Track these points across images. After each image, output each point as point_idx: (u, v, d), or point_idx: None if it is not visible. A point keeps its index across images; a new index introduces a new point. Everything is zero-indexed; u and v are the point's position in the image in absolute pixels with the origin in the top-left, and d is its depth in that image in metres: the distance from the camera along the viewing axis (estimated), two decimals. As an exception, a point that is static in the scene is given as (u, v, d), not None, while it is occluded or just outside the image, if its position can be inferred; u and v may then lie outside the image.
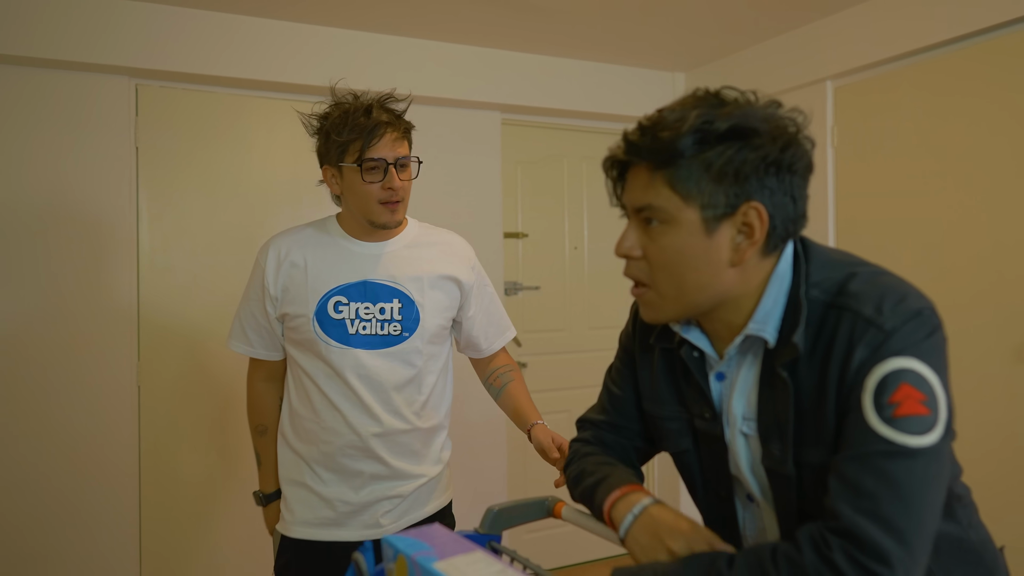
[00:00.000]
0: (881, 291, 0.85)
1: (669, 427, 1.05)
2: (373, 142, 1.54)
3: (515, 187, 3.41)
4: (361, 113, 1.56)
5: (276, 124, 2.88)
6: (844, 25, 2.77)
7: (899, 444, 0.77)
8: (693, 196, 0.87)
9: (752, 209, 0.86)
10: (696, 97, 0.90)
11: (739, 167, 0.85)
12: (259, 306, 1.66)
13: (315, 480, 1.65)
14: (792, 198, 0.88)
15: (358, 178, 1.55)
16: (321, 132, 1.61)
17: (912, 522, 0.75)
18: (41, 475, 2.50)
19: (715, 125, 0.85)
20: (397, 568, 0.84)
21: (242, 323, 1.70)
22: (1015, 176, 2.26)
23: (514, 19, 2.80)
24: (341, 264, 1.63)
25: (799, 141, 0.89)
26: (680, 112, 0.87)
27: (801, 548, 0.77)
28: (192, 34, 2.65)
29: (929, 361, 0.80)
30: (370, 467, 1.64)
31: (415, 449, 1.68)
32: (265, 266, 1.64)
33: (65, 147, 2.54)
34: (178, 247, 2.73)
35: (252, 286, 1.68)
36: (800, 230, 0.92)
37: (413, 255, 1.67)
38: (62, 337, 2.54)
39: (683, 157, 0.86)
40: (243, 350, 1.71)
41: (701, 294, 0.90)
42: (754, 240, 0.87)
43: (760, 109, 0.88)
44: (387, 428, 1.63)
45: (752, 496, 0.98)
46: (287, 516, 1.67)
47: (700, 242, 0.88)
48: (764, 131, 0.85)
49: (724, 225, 0.87)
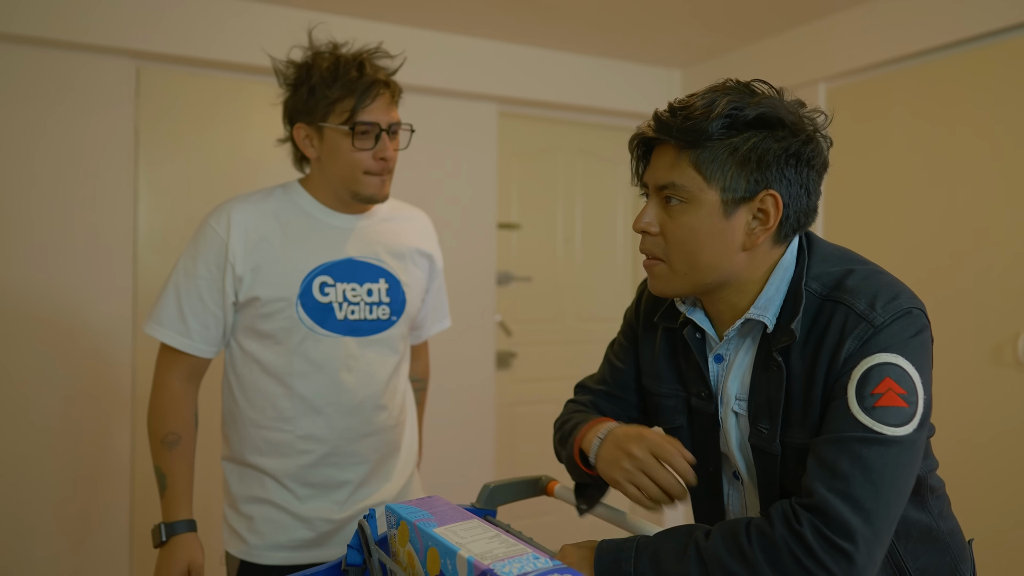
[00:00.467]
0: (875, 288, 0.90)
1: (666, 403, 1.09)
2: (366, 103, 1.35)
3: (510, 178, 3.45)
4: (353, 67, 1.36)
5: (275, 108, 2.89)
6: (837, 28, 2.82)
7: (876, 432, 0.82)
8: (716, 178, 0.92)
9: (769, 196, 0.92)
10: (727, 86, 0.95)
11: (762, 155, 0.90)
12: (213, 287, 1.37)
13: (287, 497, 1.42)
14: (807, 191, 0.94)
15: (346, 143, 1.36)
16: (301, 84, 1.40)
17: (879, 504, 0.80)
18: (31, 459, 2.52)
19: (744, 112, 0.90)
20: (399, 533, 0.89)
21: (180, 307, 1.38)
22: (999, 180, 2.32)
23: (513, 11, 2.83)
24: (318, 239, 1.41)
25: (818, 138, 0.94)
26: (712, 97, 0.92)
27: (772, 522, 0.83)
28: (193, 18, 2.66)
29: (913, 358, 0.86)
30: (358, 474, 1.45)
31: (399, 445, 1.53)
32: (228, 238, 1.36)
33: (66, 127, 2.55)
34: (175, 227, 2.75)
35: (203, 260, 1.37)
36: (810, 223, 0.97)
37: (391, 229, 1.50)
38: (59, 315, 2.55)
39: (711, 139, 0.91)
40: (176, 342, 1.38)
41: (711, 273, 0.95)
42: (768, 227, 0.92)
43: (787, 103, 0.93)
44: (377, 427, 1.46)
45: (738, 474, 1.03)
46: (252, 540, 1.42)
47: (717, 223, 0.93)
48: (789, 123, 0.90)
49: (741, 209, 0.92)
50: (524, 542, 0.83)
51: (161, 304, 1.40)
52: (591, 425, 1.06)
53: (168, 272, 1.44)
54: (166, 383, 1.42)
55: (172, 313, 1.39)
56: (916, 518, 0.97)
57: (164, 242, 2.74)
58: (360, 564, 0.96)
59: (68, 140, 2.56)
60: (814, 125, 0.95)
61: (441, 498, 0.95)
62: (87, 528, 2.59)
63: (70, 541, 2.56)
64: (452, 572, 0.80)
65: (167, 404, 1.41)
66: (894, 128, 2.66)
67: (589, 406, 1.17)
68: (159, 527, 1.37)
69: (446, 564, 0.80)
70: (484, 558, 0.76)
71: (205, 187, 2.80)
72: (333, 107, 1.35)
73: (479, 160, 3.27)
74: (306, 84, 1.38)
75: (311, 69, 1.38)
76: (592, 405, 1.18)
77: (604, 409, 1.17)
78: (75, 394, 2.57)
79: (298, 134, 1.42)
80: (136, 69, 2.68)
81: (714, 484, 1.06)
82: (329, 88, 1.35)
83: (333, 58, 1.38)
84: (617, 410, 1.17)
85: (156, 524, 1.38)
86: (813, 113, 0.96)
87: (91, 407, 2.59)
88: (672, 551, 0.86)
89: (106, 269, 2.62)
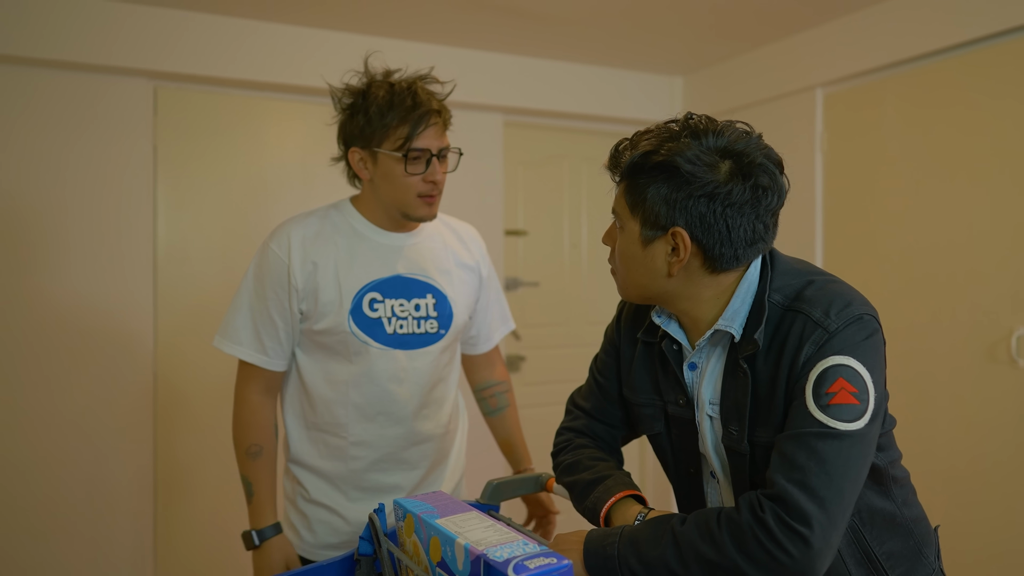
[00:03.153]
0: (831, 297, 0.98)
1: (644, 412, 1.18)
2: (420, 130, 1.41)
3: (516, 186, 3.54)
4: (408, 96, 1.42)
5: (288, 124, 3.00)
6: (834, 35, 2.88)
7: (830, 427, 0.90)
8: (637, 210, 1.02)
9: (677, 234, 0.99)
10: (669, 126, 1.02)
11: (667, 196, 0.98)
12: (281, 307, 1.46)
13: (340, 500, 1.51)
14: (727, 227, 0.98)
15: (399, 168, 1.42)
16: (357, 110, 1.45)
17: (833, 492, 0.88)
18: (56, 464, 2.63)
19: (649, 159, 0.99)
20: (406, 525, 0.97)
21: (255, 326, 1.47)
22: (994, 181, 2.38)
23: (516, 24, 2.92)
24: (369, 257, 1.49)
25: (745, 178, 0.97)
26: (642, 138, 1.02)
27: (740, 510, 0.91)
28: (209, 38, 2.77)
29: (864, 360, 0.94)
30: (407, 479, 1.53)
31: (447, 453, 1.61)
32: (290, 260, 1.45)
33: (86, 146, 2.67)
34: (193, 241, 2.86)
35: (269, 282, 1.46)
36: (754, 255, 1.02)
37: (437, 246, 1.57)
38: (83, 326, 2.66)
39: (631, 177, 1.02)
40: (256, 359, 1.48)
41: (643, 291, 1.06)
42: (680, 259, 1.00)
43: (702, 147, 0.97)
44: (426, 435, 1.54)
45: (714, 473, 1.11)
46: (307, 537, 1.54)
47: (638, 251, 1.03)
48: (687, 171, 0.96)
49: (658, 242, 1.01)
50: (519, 531, 0.91)
51: (236, 325, 1.48)
52: (619, 498, 1.11)
53: (230, 289, 1.52)
54: (246, 397, 1.51)
55: (248, 332, 1.47)
56: (880, 506, 1.05)
57: (183, 254, 2.84)
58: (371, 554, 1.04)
59: (89, 158, 2.67)
60: (746, 164, 0.97)
61: (444, 493, 1.03)
62: (110, 532, 2.69)
63: (93, 544, 2.66)
64: (451, 558, 0.88)
65: (248, 417, 1.51)
66: (890, 131, 2.72)
67: (588, 434, 1.25)
68: (250, 533, 1.49)
69: (446, 551, 0.89)
70: (479, 544, 0.85)
71: (222, 202, 2.90)
72: (388, 134, 1.41)
73: (486, 169, 3.36)
74: (362, 111, 1.43)
75: (367, 97, 1.44)
76: (590, 432, 1.25)
77: (598, 432, 1.25)
78: (97, 402, 2.68)
79: (353, 157, 1.48)
80: (154, 89, 2.79)
81: (695, 484, 1.15)
82: (384, 117, 1.40)
83: (388, 86, 1.44)
84: (611, 430, 1.26)
85: (246, 531, 1.49)
86: (756, 149, 0.99)
87: (113, 412, 2.70)
88: (651, 536, 0.95)
89: (129, 281, 2.73)
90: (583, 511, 1.16)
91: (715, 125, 1.00)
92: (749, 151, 0.99)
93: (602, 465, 1.17)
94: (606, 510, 1.10)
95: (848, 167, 2.89)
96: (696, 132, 0.99)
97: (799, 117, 3.07)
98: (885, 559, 1.04)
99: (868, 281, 2.72)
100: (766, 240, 1.02)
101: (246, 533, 1.49)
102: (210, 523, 2.85)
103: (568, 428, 1.28)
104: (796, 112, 3.09)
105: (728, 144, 0.98)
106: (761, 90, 3.23)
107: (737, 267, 1.02)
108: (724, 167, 0.97)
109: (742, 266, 1.03)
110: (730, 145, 0.98)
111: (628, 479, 1.15)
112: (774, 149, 1.02)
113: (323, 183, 2.91)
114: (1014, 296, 2.31)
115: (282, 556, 1.48)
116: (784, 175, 1.03)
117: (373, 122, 1.41)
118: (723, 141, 0.98)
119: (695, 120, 1.01)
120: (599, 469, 1.16)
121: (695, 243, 0.99)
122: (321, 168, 2.73)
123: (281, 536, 1.50)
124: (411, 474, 1.54)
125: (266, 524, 1.49)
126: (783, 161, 1.03)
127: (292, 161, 3.01)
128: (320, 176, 2.92)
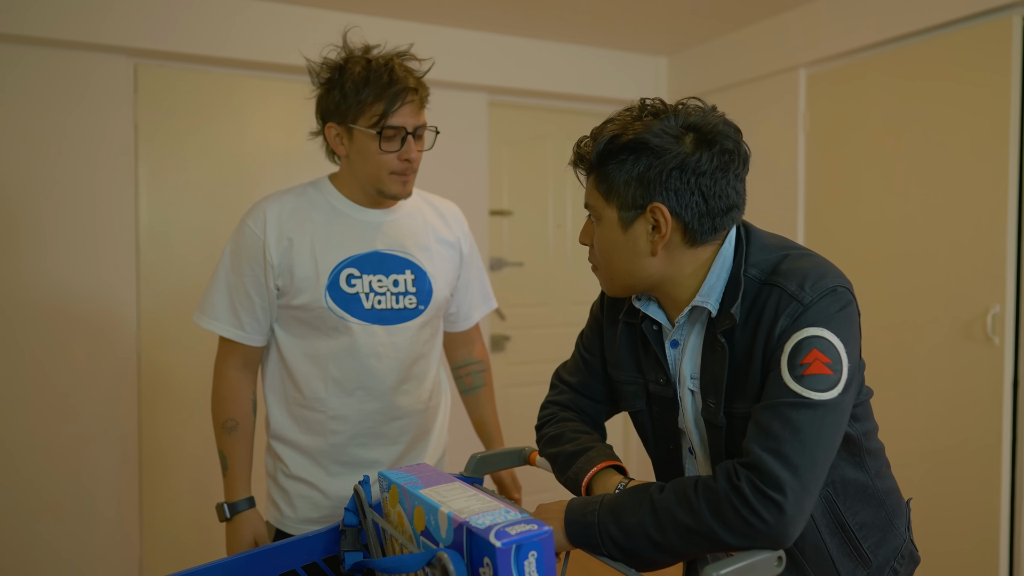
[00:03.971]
0: (805, 270, 1.00)
1: (627, 389, 1.20)
2: (396, 107, 1.41)
3: (501, 166, 3.53)
4: (384, 72, 1.42)
5: (270, 102, 2.98)
6: (816, 15, 2.89)
7: (804, 397, 0.93)
8: (612, 197, 1.03)
9: (656, 209, 1.01)
10: (626, 112, 1.05)
11: (641, 174, 1.00)
12: (257, 282, 1.47)
13: (319, 475, 1.52)
14: (703, 196, 1.00)
15: (374, 145, 1.42)
16: (334, 85, 1.45)
17: (807, 459, 0.91)
18: (41, 446, 2.62)
19: (617, 141, 1.01)
20: (391, 496, 0.99)
21: (231, 302, 1.48)
22: (973, 162, 2.41)
23: (503, 5, 2.91)
24: (346, 233, 1.50)
25: (710, 145, 1.00)
26: (604, 126, 1.04)
27: (717, 478, 0.94)
28: (189, 15, 2.74)
29: (838, 331, 0.96)
30: (387, 454, 1.54)
31: (429, 429, 1.62)
32: (265, 236, 1.46)
33: (66, 124, 2.64)
34: (176, 220, 2.84)
35: (246, 258, 1.47)
36: (730, 223, 1.05)
37: (417, 222, 1.57)
38: (65, 307, 2.65)
39: (601, 165, 1.03)
40: (232, 334, 1.49)
41: (630, 278, 1.07)
42: (663, 234, 1.02)
43: (666, 124, 1.00)
44: (406, 410, 1.55)
45: (693, 449, 1.13)
46: (287, 511, 1.55)
47: (619, 236, 1.05)
48: (656, 145, 0.98)
49: (638, 222, 1.03)
50: (501, 501, 0.93)
51: (213, 300, 1.50)
52: (600, 468, 1.13)
53: (212, 268, 1.51)
54: (224, 372, 1.54)
55: (224, 308, 1.49)
56: (854, 477, 1.07)
57: (165, 234, 2.83)
58: (356, 525, 1.06)
59: (69, 137, 2.64)
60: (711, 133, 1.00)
61: (428, 465, 1.05)
62: (95, 512, 2.70)
63: (79, 523, 2.67)
64: (435, 527, 0.90)
65: (225, 392, 1.53)
66: (872, 111, 2.74)
67: (572, 408, 1.27)
68: (222, 506, 1.50)
69: (430, 520, 0.90)
70: (462, 512, 0.86)
71: (204, 180, 2.89)
72: (363, 110, 1.42)
73: (471, 149, 3.35)
74: (338, 87, 1.43)
75: (344, 72, 1.44)
76: (574, 406, 1.28)
77: (583, 406, 1.28)
78: (80, 382, 2.67)
79: (329, 132, 1.48)
80: (134, 66, 2.76)
81: (674, 460, 1.17)
82: (360, 93, 1.41)
83: (364, 62, 1.44)
84: (595, 405, 1.28)
85: (219, 503, 1.51)
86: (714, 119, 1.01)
87: (97, 393, 2.70)
88: (630, 504, 0.97)
89: (111, 261, 2.72)
90: (565, 482, 1.18)
91: (671, 106, 1.04)
92: (708, 121, 1.01)
93: (584, 438, 1.19)
94: (587, 480, 1.12)
95: (830, 146, 2.91)
96: (656, 112, 1.03)
97: (782, 97, 3.09)
98: (857, 529, 1.07)
99: (848, 257, 2.76)
100: (739, 206, 1.05)
101: (219, 505, 1.51)
102: (195, 502, 2.85)
103: (553, 402, 1.30)
104: (779, 92, 3.10)
105: (686, 119, 1.02)
106: (745, 70, 3.24)
107: (715, 238, 1.04)
108: (688, 138, 1.00)
109: (719, 237, 1.05)
110: (688, 119, 1.02)
111: (610, 451, 1.17)
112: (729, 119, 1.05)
113: (305, 162, 2.90)
114: (990, 274, 2.35)
115: (251, 531, 1.49)
116: (744, 141, 1.05)
117: (349, 98, 1.42)
118: (681, 119, 1.02)
119: (651, 102, 1.04)
120: (581, 441, 1.18)
121: (675, 217, 1.01)
122: (303, 146, 2.71)
123: (253, 511, 1.52)
124: (391, 449, 1.55)
125: (239, 497, 1.51)
126: (741, 129, 1.06)
127: (274, 139, 2.99)
128: (302, 155, 2.91)
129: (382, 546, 1.04)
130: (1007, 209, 2.31)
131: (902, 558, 1.12)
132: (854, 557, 1.08)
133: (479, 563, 0.83)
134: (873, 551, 1.09)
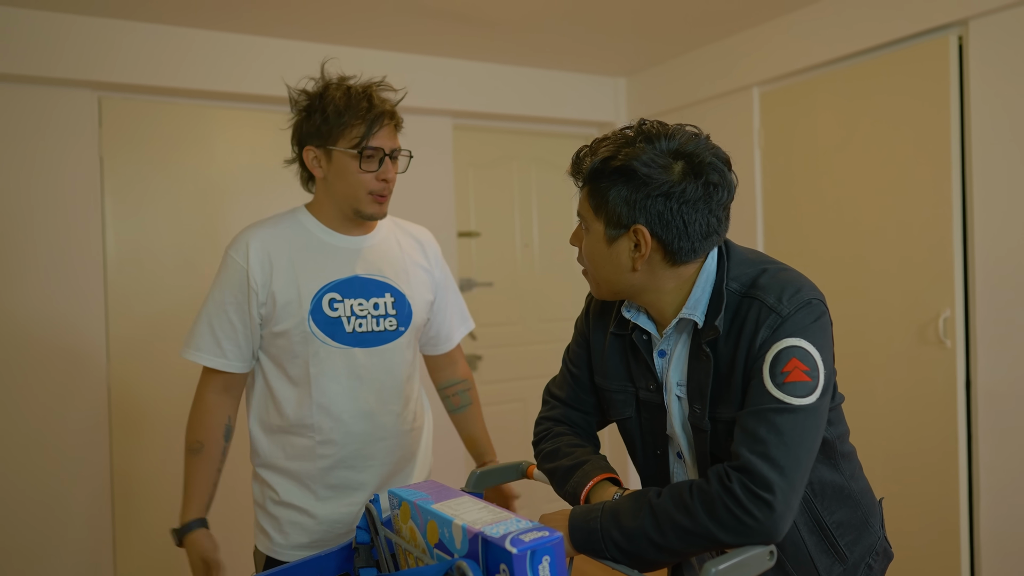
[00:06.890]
0: (783, 284, 1.08)
1: (616, 398, 1.26)
2: (375, 130, 1.50)
3: (467, 188, 3.59)
4: (364, 98, 1.51)
5: (237, 132, 2.99)
6: (768, 36, 3.03)
7: (786, 403, 1.00)
8: (600, 212, 1.10)
9: (639, 231, 1.08)
10: (624, 132, 1.11)
11: (627, 197, 1.07)
12: (240, 310, 1.52)
13: (310, 500, 1.55)
14: (684, 222, 1.06)
15: (354, 165, 1.49)
16: (314, 110, 1.52)
17: (792, 460, 0.98)
18: (9, 479, 2.57)
19: (608, 164, 1.07)
20: (401, 513, 1.03)
21: (213, 332, 1.52)
22: (921, 172, 2.55)
23: (464, 31, 2.98)
24: (327, 259, 1.55)
25: (697, 176, 1.06)
26: (600, 144, 1.10)
27: (710, 481, 1.00)
28: (152, 48, 2.74)
29: (814, 340, 1.05)
30: (374, 476, 1.57)
31: (414, 451, 1.66)
32: (248, 265, 1.51)
33: (30, 159, 2.61)
34: (144, 249, 2.83)
35: (229, 288, 1.52)
36: (710, 246, 1.11)
37: (393, 248, 1.64)
38: (31, 344, 2.61)
39: (593, 181, 1.10)
40: (215, 363, 1.53)
41: (612, 286, 1.15)
42: (643, 254, 1.08)
43: (657, 150, 1.06)
44: (390, 431, 1.58)
45: (680, 453, 1.19)
46: (278, 538, 1.56)
47: (604, 249, 1.12)
48: (644, 174, 1.05)
49: (622, 239, 1.10)
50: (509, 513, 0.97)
51: (197, 333, 1.54)
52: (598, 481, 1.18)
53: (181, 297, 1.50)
54: (202, 396, 1.57)
55: (207, 339, 1.53)
56: (830, 479, 1.15)
57: (134, 265, 2.81)
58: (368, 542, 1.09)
59: (34, 172, 2.62)
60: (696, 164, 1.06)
61: (435, 481, 1.09)
62: (67, 545, 2.64)
63: (51, 557, 2.61)
64: (449, 538, 0.94)
65: (199, 415, 1.56)
66: (822, 126, 2.88)
67: (565, 422, 1.32)
68: (173, 531, 1.51)
69: (444, 532, 0.94)
70: (475, 524, 0.91)
71: (172, 211, 2.88)
72: (344, 132, 1.49)
73: (436, 172, 3.40)
74: (319, 111, 1.51)
75: (324, 98, 1.51)
76: (567, 420, 1.33)
77: (575, 420, 1.33)
78: (50, 412, 2.63)
79: (307, 155, 1.54)
80: (98, 99, 2.75)
81: (661, 465, 1.24)
82: (341, 116, 1.49)
83: (345, 88, 1.52)
84: (586, 417, 1.34)
85: (171, 528, 1.51)
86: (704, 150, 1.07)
87: (67, 424, 2.66)
88: (630, 509, 1.03)
89: (78, 294, 2.69)
90: (564, 495, 1.23)
91: (667, 129, 1.09)
92: (699, 151, 1.07)
93: (580, 451, 1.25)
94: (585, 493, 1.18)
95: (784, 161, 3.04)
96: (650, 137, 1.08)
97: (737, 115, 3.22)
98: (835, 528, 1.15)
99: (806, 267, 2.83)
100: (719, 233, 1.11)
101: (172, 531, 1.51)
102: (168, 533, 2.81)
103: (546, 417, 1.35)
104: (734, 110, 3.23)
105: (679, 146, 1.07)
106: (701, 90, 3.36)
107: (695, 259, 1.11)
108: (677, 167, 1.06)
109: (700, 258, 1.12)
110: (681, 147, 1.07)
111: (605, 463, 1.23)
112: (721, 148, 1.11)
113: (274, 190, 2.91)
114: (939, 280, 2.48)
115: (197, 551, 1.48)
116: (732, 172, 1.11)
117: (330, 120, 1.49)
118: (675, 144, 1.07)
119: (648, 125, 1.10)
120: (577, 455, 1.24)
121: (655, 238, 1.08)
122: (272, 175, 2.73)
123: (201, 531, 1.49)
124: (379, 471, 1.58)
125: (188, 519, 1.50)
126: (730, 159, 1.12)
127: (242, 169, 3.00)
128: (271, 183, 2.93)
129: (395, 561, 1.07)
130: (952, 216, 2.44)
131: (876, 555, 1.20)
132: (831, 554, 1.15)
133: (495, 570, 0.87)
134: (849, 548, 1.16)
